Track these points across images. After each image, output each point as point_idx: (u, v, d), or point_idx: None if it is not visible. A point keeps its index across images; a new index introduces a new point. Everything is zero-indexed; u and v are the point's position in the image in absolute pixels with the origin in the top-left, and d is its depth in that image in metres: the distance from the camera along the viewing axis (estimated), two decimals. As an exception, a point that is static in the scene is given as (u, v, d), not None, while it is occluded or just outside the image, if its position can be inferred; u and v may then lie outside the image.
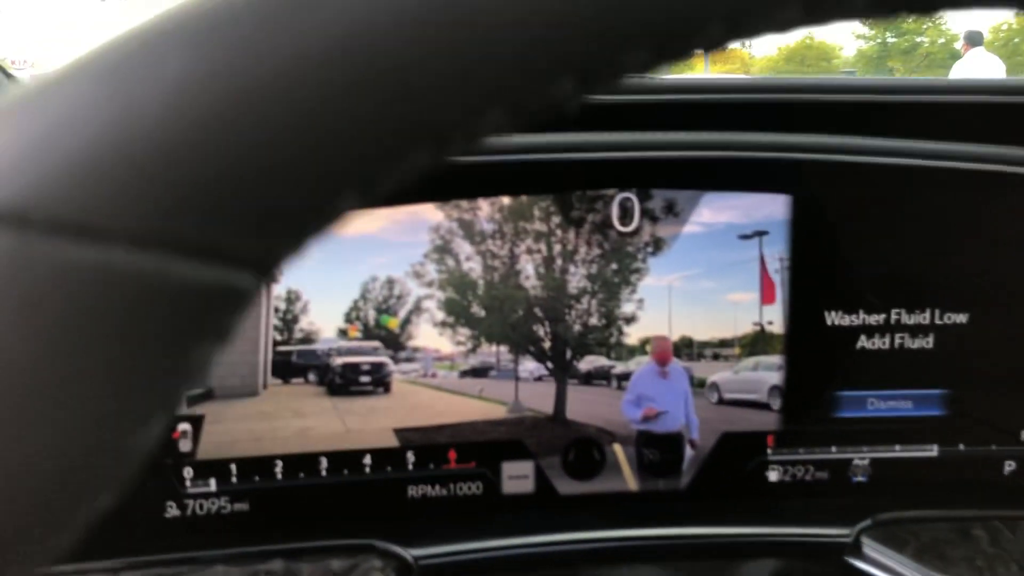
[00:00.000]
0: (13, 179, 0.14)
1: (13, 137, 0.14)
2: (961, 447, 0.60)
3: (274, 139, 0.15)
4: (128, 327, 0.15)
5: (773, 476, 0.60)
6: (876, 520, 0.58)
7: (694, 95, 0.57)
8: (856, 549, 0.57)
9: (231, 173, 0.15)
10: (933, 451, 0.60)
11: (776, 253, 0.57)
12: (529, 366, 0.58)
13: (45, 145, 0.14)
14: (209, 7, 0.15)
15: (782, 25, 0.17)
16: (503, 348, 0.57)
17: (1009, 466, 0.60)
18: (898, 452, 0.60)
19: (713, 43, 0.17)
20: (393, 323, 0.56)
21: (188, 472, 0.54)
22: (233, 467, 0.54)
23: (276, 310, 0.54)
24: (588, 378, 0.58)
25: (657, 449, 0.59)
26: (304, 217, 0.16)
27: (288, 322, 0.54)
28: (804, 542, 0.58)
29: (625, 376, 0.58)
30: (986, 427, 0.60)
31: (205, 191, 0.15)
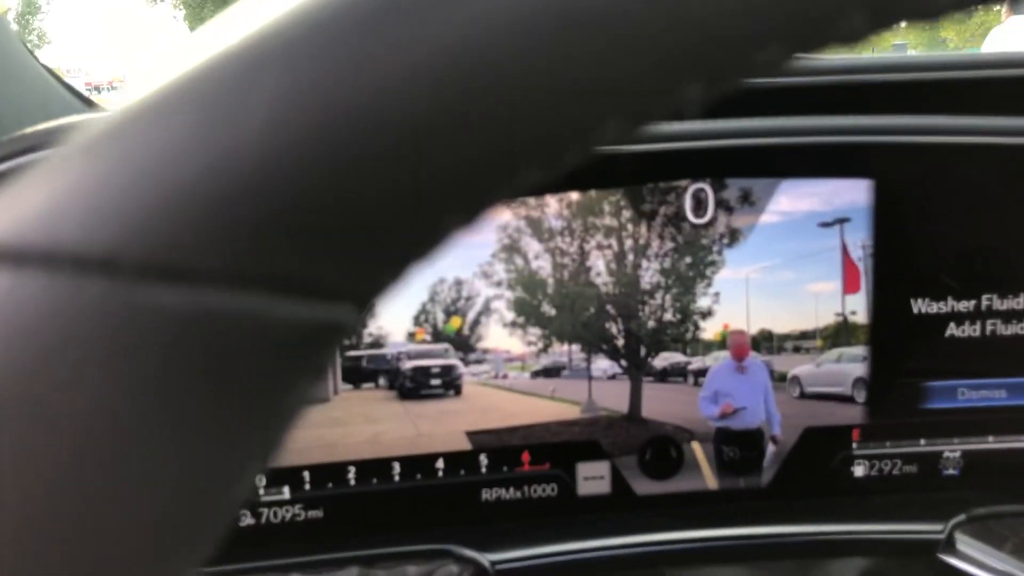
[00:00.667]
0: (99, 223, 0.13)
1: (96, 176, 0.13)
2: (1060, 437, 0.57)
3: (374, 167, 0.14)
4: (226, 371, 0.14)
5: (859, 471, 0.57)
6: (971, 515, 0.56)
7: (765, 80, 0.54)
8: (950, 546, 0.55)
9: (331, 204, 0.14)
10: (1029, 442, 0.57)
11: (858, 240, 0.55)
12: (602, 365, 0.56)
13: (132, 184, 0.13)
14: (300, 23, 0.14)
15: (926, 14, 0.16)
16: (575, 347, 0.56)
17: (1113, 457, 0.57)
18: (992, 443, 0.57)
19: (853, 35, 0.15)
20: (456, 322, 0.55)
21: (261, 480, 0.54)
22: (306, 474, 0.54)
23: (344, 315, 0.53)
24: (663, 375, 0.56)
25: (737, 446, 0.57)
26: (406, 245, 0.15)
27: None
28: (894, 540, 0.55)
29: (702, 372, 0.56)
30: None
31: (304, 224, 0.14)
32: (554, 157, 0.15)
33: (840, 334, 0.56)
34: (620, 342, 0.56)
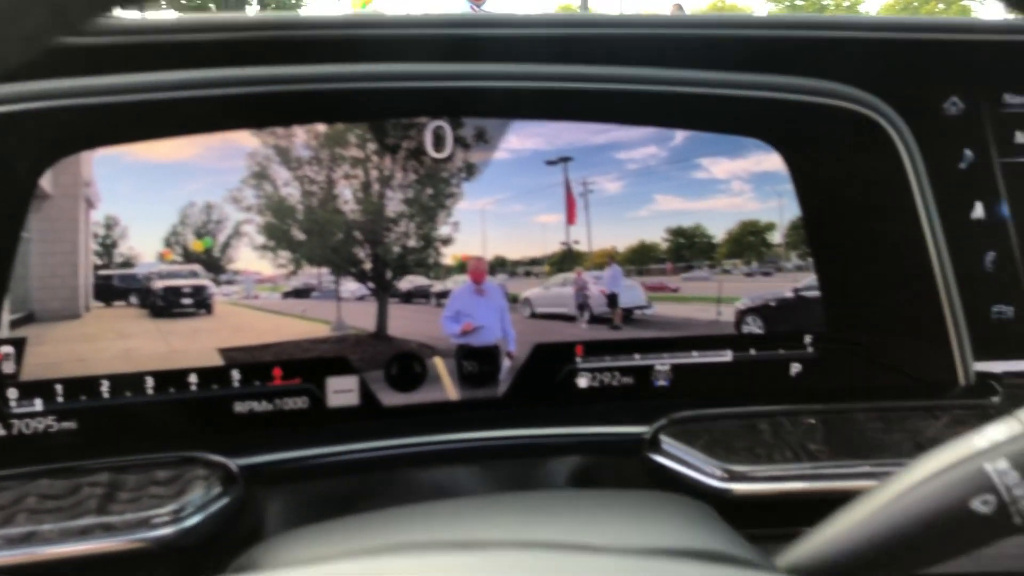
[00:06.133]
0: None
1: None
2: (752, 352, 0.66)
3: None
4: None
5: (582, 382, 0.65)
6: (672, 419, 0.64)
7: (498, 29, 0.60)
8: (655, 445, 0.63)
9: None
10: (728, 356, 0.66)
11: (580, 177, 0.61)
12: (351, 287, 0.61)
13: None
14: None
15: None
16: (324, 270, 0.60)
17: (795, 368, 0.67)
18: (696, 358, 0.66)
19: None
20: (198, 245, 0.58)
21: (13, 393, 0.55)
22: (59, 387, 0.56)
23: (95, 235, 0.56)
24: (408, 297, 0.62)
25: (476, 361, 0.63)
26: None
27: (108, 247, 0.56)
28: (606, 440, 0.63)
29: (444, 294, 0.62)
30: (775, 333, 0.66)
31: None
32: None
33: (565, 261, 0.63)
34: (367, 266, 0.61)
